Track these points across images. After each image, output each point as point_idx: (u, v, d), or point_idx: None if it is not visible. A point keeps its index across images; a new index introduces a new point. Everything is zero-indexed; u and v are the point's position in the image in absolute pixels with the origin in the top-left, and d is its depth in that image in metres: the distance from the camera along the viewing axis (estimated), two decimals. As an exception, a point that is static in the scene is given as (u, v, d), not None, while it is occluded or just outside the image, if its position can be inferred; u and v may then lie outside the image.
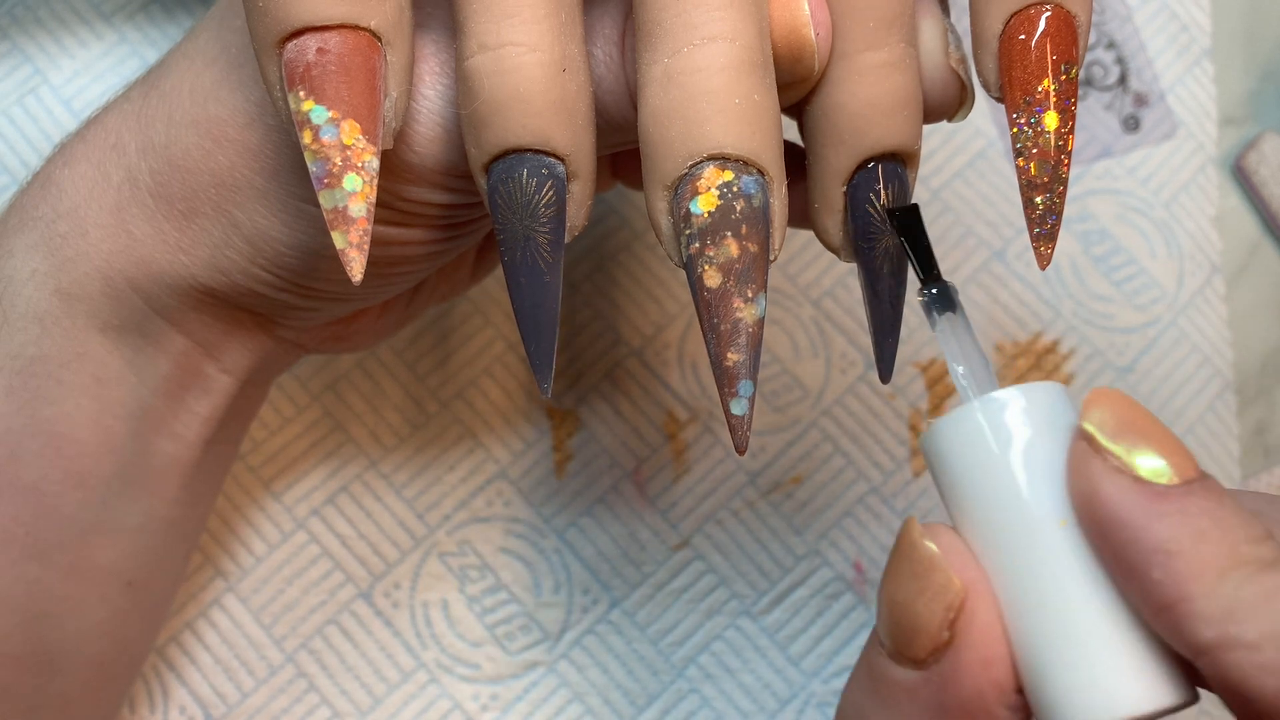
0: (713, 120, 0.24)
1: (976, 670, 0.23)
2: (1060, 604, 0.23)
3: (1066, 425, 0.23)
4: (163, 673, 0.39)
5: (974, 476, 0.24)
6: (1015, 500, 0.23)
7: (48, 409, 0.30)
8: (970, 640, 0.23)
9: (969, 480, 0.24)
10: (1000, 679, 0.23)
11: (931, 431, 0.24)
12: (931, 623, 0.23)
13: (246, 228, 0.29)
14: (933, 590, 0.23)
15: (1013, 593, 0.23)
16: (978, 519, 0.24)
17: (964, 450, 0.24)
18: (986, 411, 0.24)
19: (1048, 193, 0.26)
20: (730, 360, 0.24)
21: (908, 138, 0.26)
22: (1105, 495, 0.22)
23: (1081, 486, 0.23)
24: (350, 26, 0.24)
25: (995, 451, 0.23)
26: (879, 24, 0.26)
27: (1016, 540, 0.23)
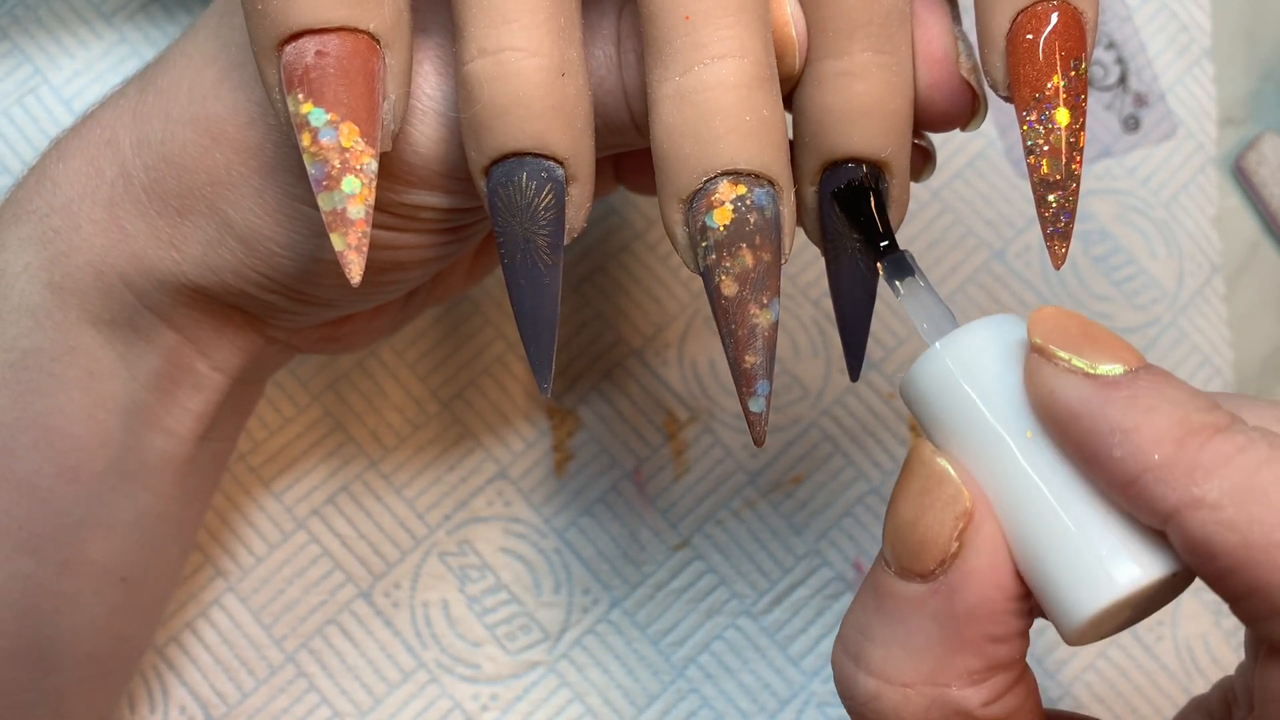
0: (725, 138, 0.25)
1: (984, 575, 0.24)
2: (1043, 506, 0.24)
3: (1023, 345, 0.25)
4: (163, 672, 0.39)
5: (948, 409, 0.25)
6: (986, 422, 0.25)
7: (40, 402, 0.30)
8: (977, 548, 0.24)
9: (944, 414, 0.26)
10: (1005, 583, 0.24)
11: (906, 379, 0.26)
12: (941, 534, 0.24)
13: (240, 227, 0.29)
14: (943, 502, 0.24)
15: (1003, 506, 0.25)
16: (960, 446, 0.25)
17: (935, 389, 0.26)
18: (948, 350, 0.26)
19: (1061, 190, 0.26)
20: (748, 363, 0.26)
21: (867, 145, 0.27)
22: (1059, 393, 0.24)
23: (1038, 391, 0.24)
24: (349, 29, 0.24)
25: (960, 383, 0.25)
26: (837, 33, 0.26)
27: (996, 457, 0.25)
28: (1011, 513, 0.25)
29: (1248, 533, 0.22)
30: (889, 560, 0.25)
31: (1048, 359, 0.24)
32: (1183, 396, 0.23)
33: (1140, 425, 0.23)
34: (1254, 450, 0.22)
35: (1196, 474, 0.22)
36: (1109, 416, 0.23)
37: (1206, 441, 0.22)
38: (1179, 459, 0.22)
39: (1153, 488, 0.23)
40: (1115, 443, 0.23)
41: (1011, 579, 0.24)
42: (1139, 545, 0.24)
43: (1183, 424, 0.23)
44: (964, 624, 0.24)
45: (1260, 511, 0.22)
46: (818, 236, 0.28)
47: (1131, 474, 0.23)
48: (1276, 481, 0.22)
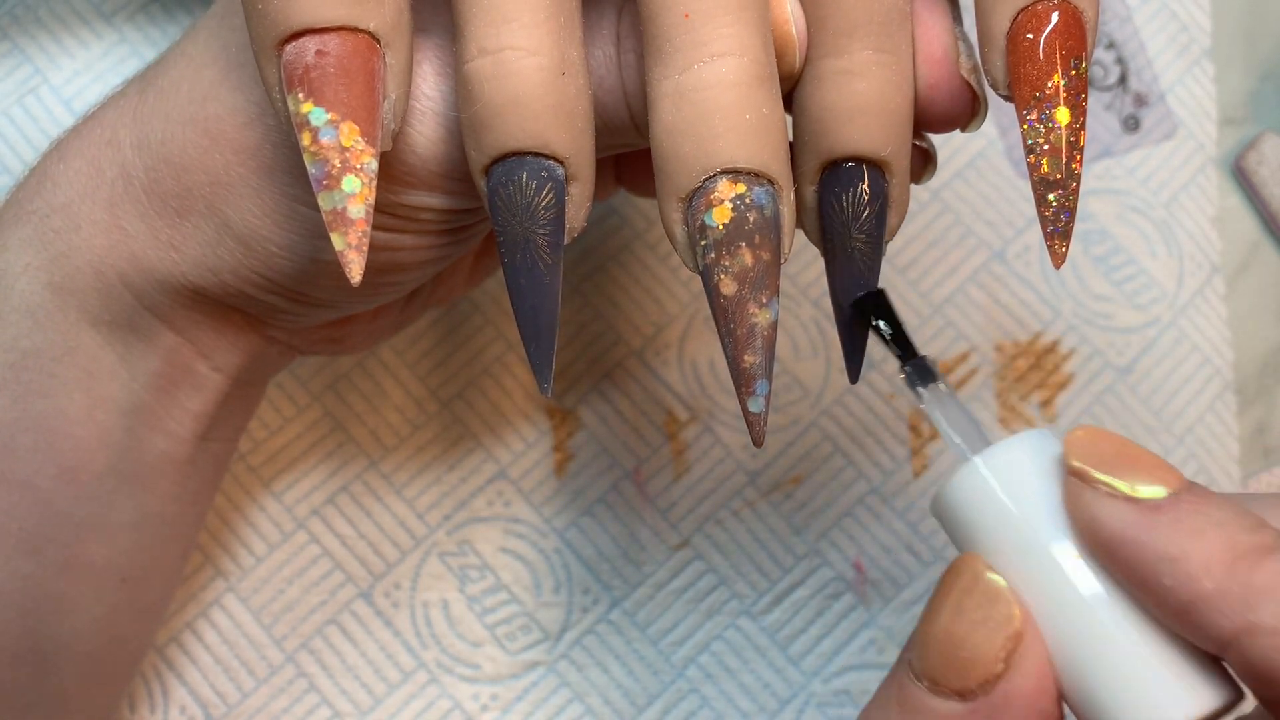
0: (725, 136, 0.25)
1: (1030, 700, 0.24)
2: (1095, 629, 0.24)
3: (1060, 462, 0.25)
4: (163, 672, 0.39)
5: (989, 525, 0.25)
6: (1032, 539, 0.24)
7: (40, 403, 0.30)
8: (1024, 670, 0.24)
9: (984, 530, 0.25)
10: (1049, 707, 0.24)
11: (941, 493, 0.26)
12: (990, 654, 0.24)
13: (239, 227, 0.29)
14: (995, 621, 0.24)
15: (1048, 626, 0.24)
16: (1001, 563, 0.25)
17: (974, 503, 0.25)
18: (989, 464, 0.25)
19: (1061, 190, 0.26)
20: (747, 362, 0.26)
21: (867, 144, 0.26)
22: (1103, 520, 0.23)
23: (1081, 516, 0.24)
24: (349, 28, 0.24)
25: (1002, 499, 0.25)
26: (836, 31, 0.26)
27: (1041, 576, 0.24)
28: (1057, 634, 0.24)
29: None
30: (919, 673, 0.24)
31: (1087, 483, 0.24)
32: (1227, 517, 0.23)
33: (1189, 552, 0.22)
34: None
35: (1251, 599, 0.22)
36: (1156, 544, 0.23)
37: (1257, 564, 0.22)
38: (1231, 585, 0.22)
39: (1208, 615, 0.22)
40: (1165, 571, 0.22)
41: (1055, 703, 0.24)
42: (1194, 673, 0.23)
43: (1231, 548, 0.22)
44: None
45: None
46: (817, 236, 0.28)
47: (1184, 602, 0.22)
48: None
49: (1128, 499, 0.23)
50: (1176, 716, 0.23)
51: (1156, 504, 0.23)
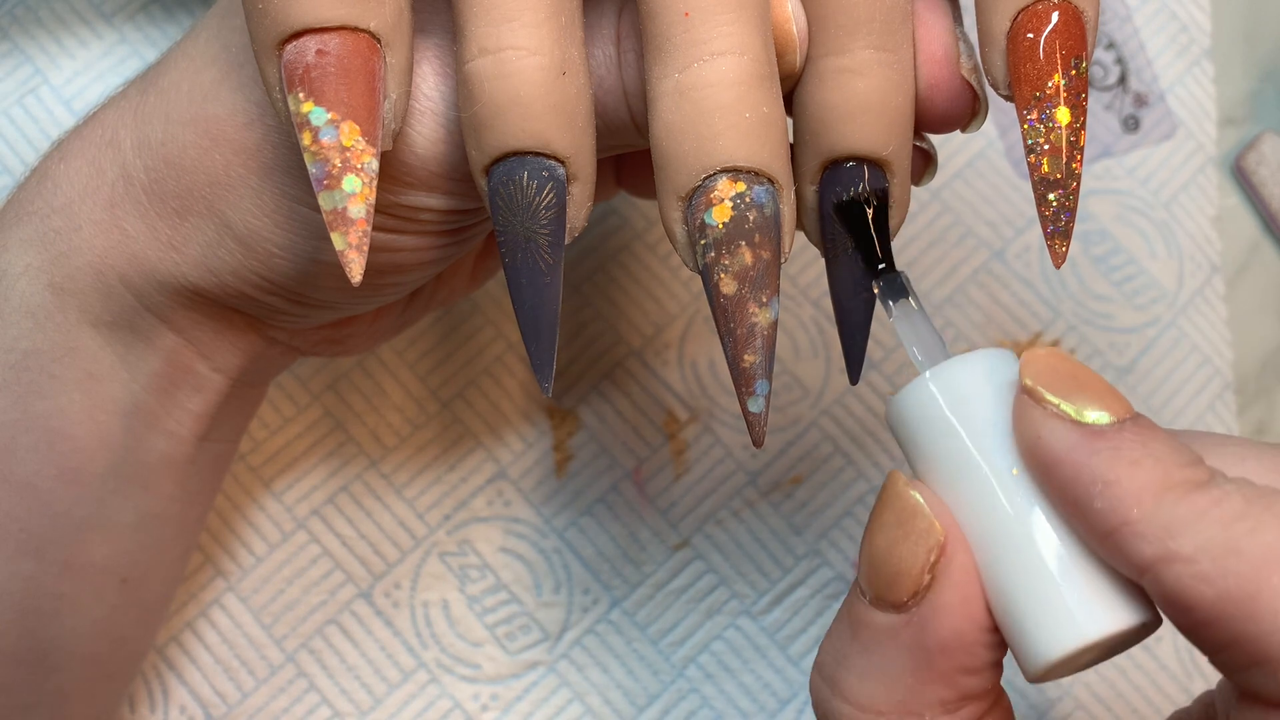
0: (725, 135, 0.25)
1: (956, 609, 0.24)
2: (1021, 545, 0.24)
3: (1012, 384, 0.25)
4: (163, 672, 0.39)
5: (932, 439, 0.26)
6: (970, 456, 0.25)
7: (41, 403, 0.30)
8: (949, 581, 0.24)
9: (928, 443, 0.26)
10: (977, 616, 0.24)
11: (892, 405, 0.26)
12: (914, 566, 0.24)
13: (239, 228, 0.29)
14: (916, 535, 0.25)
15: (978, 540, 0.25)
16: (941, 477, 0.25)
17: (921, 417, 0.26)
18: (937, 380, 0.26)
19: (1061, 189, 0.26)
20: (747, 362, 0.25)
21: (868, 143, 0.26)
22: (1046, 438, 0.24)
23: (1025, 434, 0.24)
24: (350, 28, 0.24)
25: (947, 415, 0.25)
26: (838, 30, 0.26)
27: (976, 492, 0.25)
28: (988, 548, 0.25)
29: (1222, 586, 0.22)
30: (864, 589, 0.25)
31: (1037, 402, 0.24)
32: (1166, 451, 0.24)
33: (1122, 478, 0.23)
34: (1228, 504, 0.23)
35: (1173, 528, 0.23)
36: (1092, 466, 0.23)
37: (1183, 497, 0.23)
38: (1156, 514, 0.23)
39: (1130, 541, 0.23)
40: (1096, 493, 0.23)
41: (983, 612, 0.25)
42: (1111, 593, 0.24)
43: (1163, 479, 0.23)
44: (936, 655, 0.24)
45: (1234, 564, 0.22)
46: (818, 237, 0.28)
47: (1110, 526, 0.23)
48: (1250, 534, 0.22)
49: (1073, 422, 0.24)
50: (1090, 632, 0.24)
51: (1100, 430, 0.24)
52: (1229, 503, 0.23)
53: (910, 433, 0.26)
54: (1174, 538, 0.23)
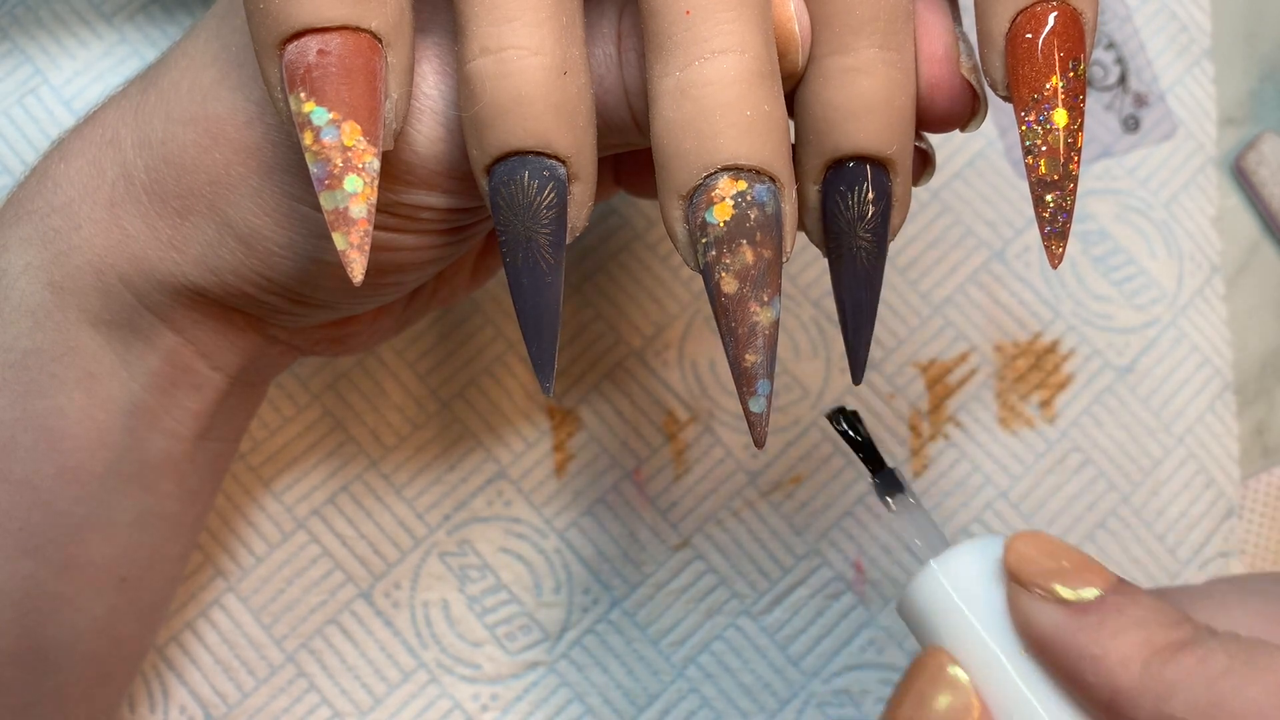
0: (726, 133, 0.25)
1: None
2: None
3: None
4: (163, 672, 0.39)
5: (946, 627, 0.27)
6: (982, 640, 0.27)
7: (40, 403, 0.30)
8: None
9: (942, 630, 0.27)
10: None
11: (903, 597, 0.28)
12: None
13: (240, 227, 0.29)
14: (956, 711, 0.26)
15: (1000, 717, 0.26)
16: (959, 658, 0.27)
17: (932, 607, 0.27)
18: (944, 570, 0.27)
19: (1058, 191, 0.26)
20: (748, 362, 0.25)
21: (873, 142, 0.26)
22: (1036, 621, 0.26)
23: (1018, 619, 0.26)
24: (351, 28, 0.24)
25: (958, 603, 0.27)
26: (844, 28, 0.26)
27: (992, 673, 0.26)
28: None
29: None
30: None
31: (1023, 586, 0.26)
32: (1149, 615, 0.25)
33: (1109, 650, 0.25)
34: (1212, 661, 0.24)
35: (1163, 692, 0.24)
36: (1079, 643, 0.25)
37: (1169, 659, 0.24)
38: (1145, 681, 0.24)
39: (1127, 709, 0.24)
40: (1087, 668, 0.25)
41: None
42: None
43: (1147, 645, 0.24)
44: None
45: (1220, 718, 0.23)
46: (819, 237, 0.28)
47: (1105, 698, 0.25)
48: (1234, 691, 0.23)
49: (1058, 601, 0.25)
50: None
51: (1084, 606, 0.25)
52: (1213, 660, 0.24)
53: (923, 621, 0.28)
54: (1165, 701, 0.24)
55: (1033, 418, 0.43)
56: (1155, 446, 0.43)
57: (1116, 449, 0.43)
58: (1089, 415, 0.43)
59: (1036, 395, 0.44)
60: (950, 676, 0.26)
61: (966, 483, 0.42)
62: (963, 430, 0.43)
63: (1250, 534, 0.44)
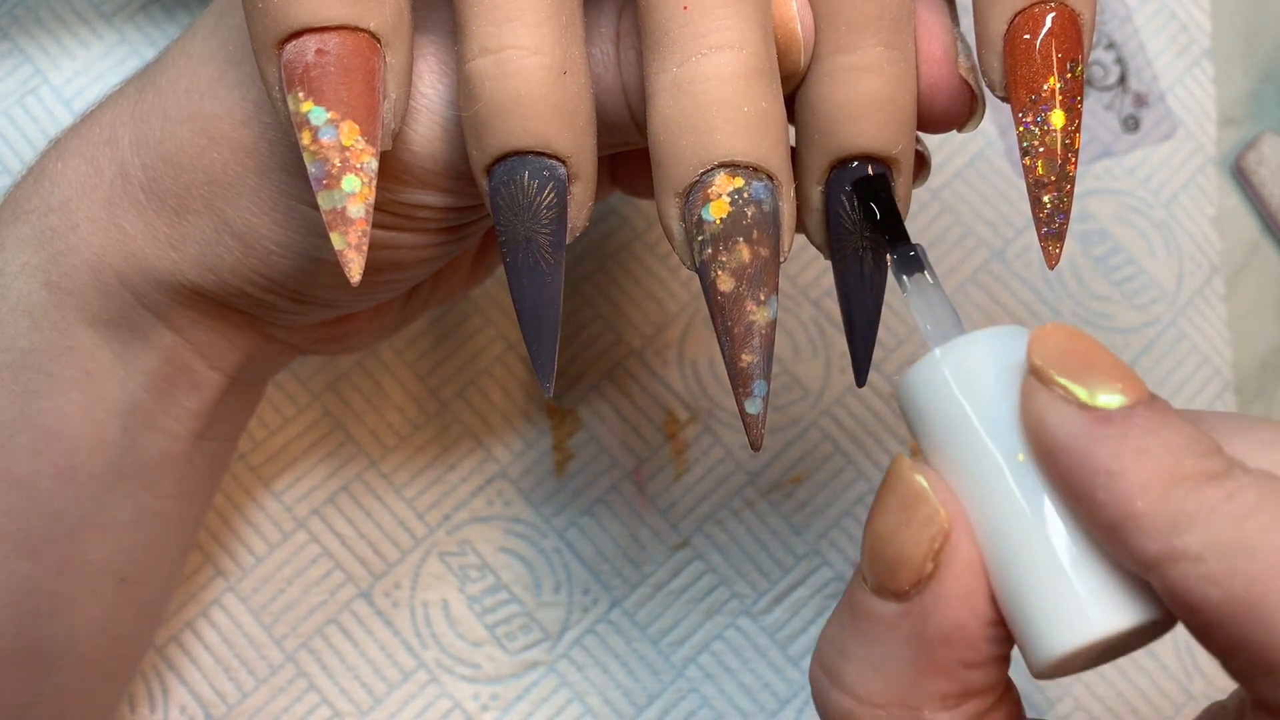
0: (723, 129, 0.24)
1: (958, 600, 0.23)
2: (1027, 535, 0.23)
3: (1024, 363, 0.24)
4: (163, 672, 0.39)
5: (940, 420, 0.24)
6: (978, 439, 0.24)
7: (38, 402, 0.30)
8: (953, 571, 0.23)
9: (936, 424, 0.25)
10: (980, 608, 0.23)
11: (901, 382, 0.25)
12: (916, 553, 0.23)
13: (237, 225, 0.29)
14: (919, 521, 0.24)
15: (985, 528, 0.24)
16: (947, 459, 0.24)
17: (929, 397, 0.25)
18: (947, 358, 0.25)
19: (1055, 191, 0.26)
20: (744, 361, 0.25)
21: (879, 141, 0.26)
22: (1050, 424, 0.23)
23: (1030, 418, 0.23)
24: (350, 28, 0.24)
25: (956, 395, 0.24)
26: (849, 27, 0.26)
27: (982, 476, 0.24)
28: (994, 537, 0.24)
29: (1229, 586, 0.21)
30: (865, 576, 0.24)
31: (1044, 383, 0.23)
32: (1179, 439, 0.22)
33: (1128, 469, 0.22)
34: (1241, 498, 0.21)
35: (1179, 524, 0.21)
36: (1096, 456, 0.22)
37: (1193, 489, 0.21)
38: (1163, 508, 0.21)
39: (1134, 537, 0.22)
40: (1100, 484, 0.22)
41: (987, 604, 0.23)
42: (1120, 589, 0.23)
43: (1173, 470, 0.22)
44: (936, 647, 0.23)
45: (1243, 564, 0.21)
46: (822, 238, 0.28)
47: (1114, 519, 0.22)
48: (1262, 532, 0.21)
49: (1080, 406, 0.22)
50: (1099, 628, 0.23)
51: (1108, 415, 0.22)
52: (1243, 497, 0.21)
53: (918, 413, 0.25)
54: (1180, 534, 0.21)
55: (1033, 418, 0.43)
56: (1155, 446, 0.43)
57: (1116, 449, 0.43)
58: (1089, 415, 0.43)
59: (1036, 395, 0.43)
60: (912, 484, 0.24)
61: (966, 483, 0.42)
62: (963, 430, 0.43)
63: (1250, 534, 0.44)
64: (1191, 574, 0.21)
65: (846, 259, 0.28)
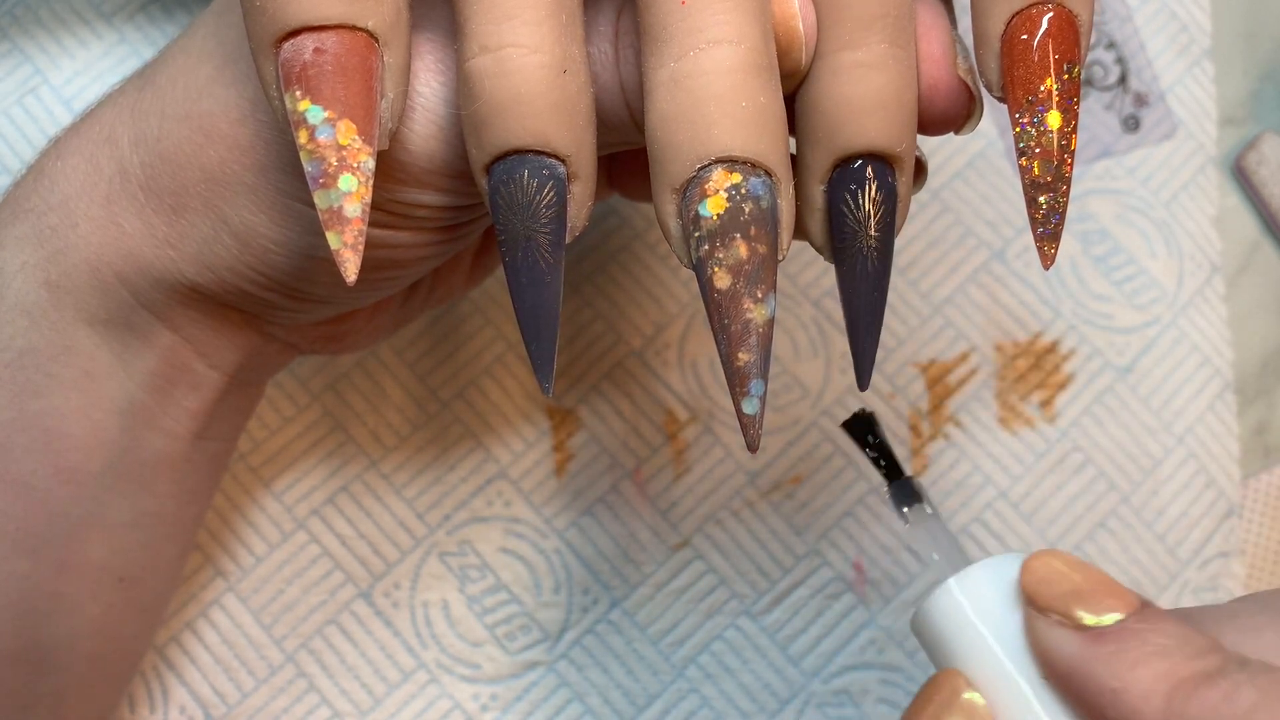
0: (720, 124, 0.24)
1: None
2: None
3: None
4: (163, 672, 0.39)
5: (961, 648, 0.26)
6: (1000, 664, 0.25)
7: (37, 402, 0.30)
8: None
9: (957, 652, 0.26)
10: None
11: (918, 613, 0.26)
12: None
13: (235, 223, 0.29)
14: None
15: None
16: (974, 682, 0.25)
17: (947, 626, 0.26)
18: (962, 587, 0.26)
19: (1051, 192, 0.26)
20: (741, 360, 0.25)
21: (885, 139, 0.26)
22: (1053, 650, 0.24)
23: (1036, 646, 0.24)
24: (348, 27, 0.24)
25: (975, 623, 0.25)
26: (856, 24, 0.25)
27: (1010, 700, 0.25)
28: None
29: None
30: None
31: (1039, 611, 0.24)
32: (1173, 643, 0.23)
33: (1129, 684, 0.23)
34: (1239, 696, 0.22)
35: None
36: (1099, 675, 0.23)
37: (1193, 693, 0.22)
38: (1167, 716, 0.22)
39: None
40: (1108, 704, 0.23)
41: None
42: None
43: (1169, 677, 0.22)
44: None
45: None
46: (824, 240, 0.27)
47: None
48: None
49: (1076, 628, 0.24)
50: None
51: (1101, 633, 0.23)
52: (1240, 695, 0.22)
53: (939, 640, 0.26)
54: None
55: (1033, 418, 0.43)
56: (1155, 446, 0.43)
57: (1117, 449, 0.43)
58: (1089, 415, 0.43)
59: (1037, 395, 0.43)
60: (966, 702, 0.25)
61: (966, 483, 0.42)
62: (963, 430, 0.43)
63: (1250, 534, 0.44)
64: None
65: (851, 259, 0.27)
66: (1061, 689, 0.24)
